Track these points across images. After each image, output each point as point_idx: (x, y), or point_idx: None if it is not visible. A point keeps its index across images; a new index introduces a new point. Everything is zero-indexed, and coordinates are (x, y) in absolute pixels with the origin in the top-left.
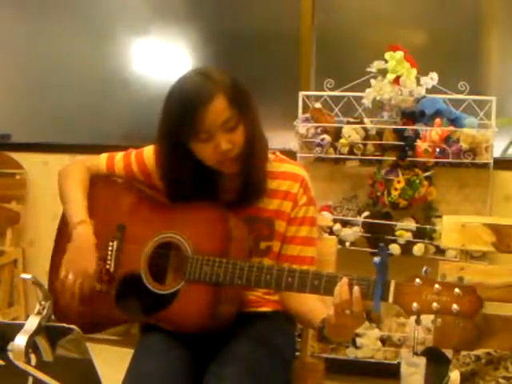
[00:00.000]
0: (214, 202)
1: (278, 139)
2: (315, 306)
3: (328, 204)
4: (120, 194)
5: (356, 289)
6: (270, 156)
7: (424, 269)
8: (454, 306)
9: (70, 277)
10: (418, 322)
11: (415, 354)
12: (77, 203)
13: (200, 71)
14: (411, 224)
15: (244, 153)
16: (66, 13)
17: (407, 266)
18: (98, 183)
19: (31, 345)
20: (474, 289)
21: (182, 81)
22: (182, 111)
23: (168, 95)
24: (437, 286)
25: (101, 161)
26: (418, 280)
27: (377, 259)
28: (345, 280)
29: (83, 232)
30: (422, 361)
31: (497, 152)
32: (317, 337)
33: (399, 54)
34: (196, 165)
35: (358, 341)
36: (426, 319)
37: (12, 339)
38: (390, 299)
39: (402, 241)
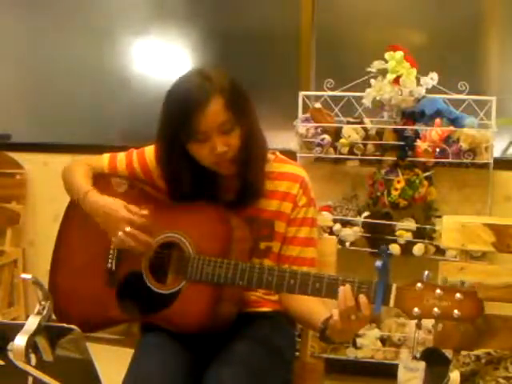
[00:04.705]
0: (214, 202)
1: (278, 139)
2: (315, 307)
3: (328, 204)
4: (122, 194)
5: (362, 296)
6: (270, 156)
7: (425, 273)
8: (455, 312)
9: (120, 233)
10: (419, 326)
11: (414, 357)
12: (81, 180)
13: (199, 72)
14: (411, 224)
15: (241, 155)
16: (66, 13)
17: (407, 266)
18: (99, 182)
19: (31, 345)
20: (475, 293)
21: (181, 81)
22: (179, 112)
23: (167, 95)
24: (438, 290)
25: (103, 160)
26: (419, 284)
27: (379, 263)
28: (348, 286)
29: (94, 198)
30: (421, 365)
31: (497, 152)
32: (318, 337)
33: (399, 54)
34: (195, 164)
35: (358, 341)
36: (427, 321)
37: (12, 339)
38: (391, 303)
39: (401, 241)
